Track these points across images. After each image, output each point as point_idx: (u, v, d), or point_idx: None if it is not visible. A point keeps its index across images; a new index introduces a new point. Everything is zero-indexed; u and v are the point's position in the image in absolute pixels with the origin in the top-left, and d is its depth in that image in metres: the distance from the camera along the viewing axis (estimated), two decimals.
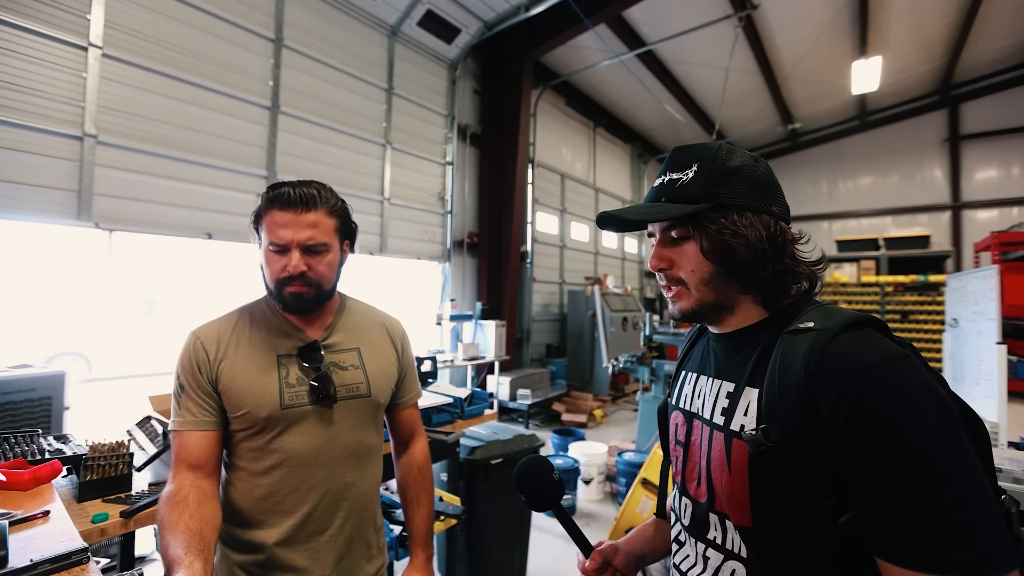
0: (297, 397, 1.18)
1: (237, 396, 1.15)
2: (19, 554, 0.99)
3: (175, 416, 1.15)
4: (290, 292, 1.17)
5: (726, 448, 0.75)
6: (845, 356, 0.64)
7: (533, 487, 0.99)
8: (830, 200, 13.18)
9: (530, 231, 8.54)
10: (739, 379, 0.78)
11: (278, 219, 1.15)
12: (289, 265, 1.15)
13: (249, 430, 1.17)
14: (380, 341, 1.36)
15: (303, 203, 1.16)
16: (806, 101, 11.06)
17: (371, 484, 1.32)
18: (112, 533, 1.48)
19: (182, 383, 1.16)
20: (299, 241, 1.15)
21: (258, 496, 1.18)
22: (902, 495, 0.58)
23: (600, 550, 0.98)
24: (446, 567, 2.79)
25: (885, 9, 7.92)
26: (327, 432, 1.21)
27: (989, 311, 3.58)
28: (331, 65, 5.47)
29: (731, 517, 0.75)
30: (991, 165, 11.24)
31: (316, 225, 1.17)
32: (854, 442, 0.61)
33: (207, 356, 1.17)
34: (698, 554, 0.82)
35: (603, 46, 7.61)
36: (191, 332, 1.21)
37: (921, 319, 8.42)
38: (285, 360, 1.21)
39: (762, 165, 0.80)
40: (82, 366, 6.71)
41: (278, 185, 1.18)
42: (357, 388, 1.26)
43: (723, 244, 0.76)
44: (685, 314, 0.83)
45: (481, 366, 6.89)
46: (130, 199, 3.96)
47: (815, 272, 0.80)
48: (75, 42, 3.65)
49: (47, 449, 1.71)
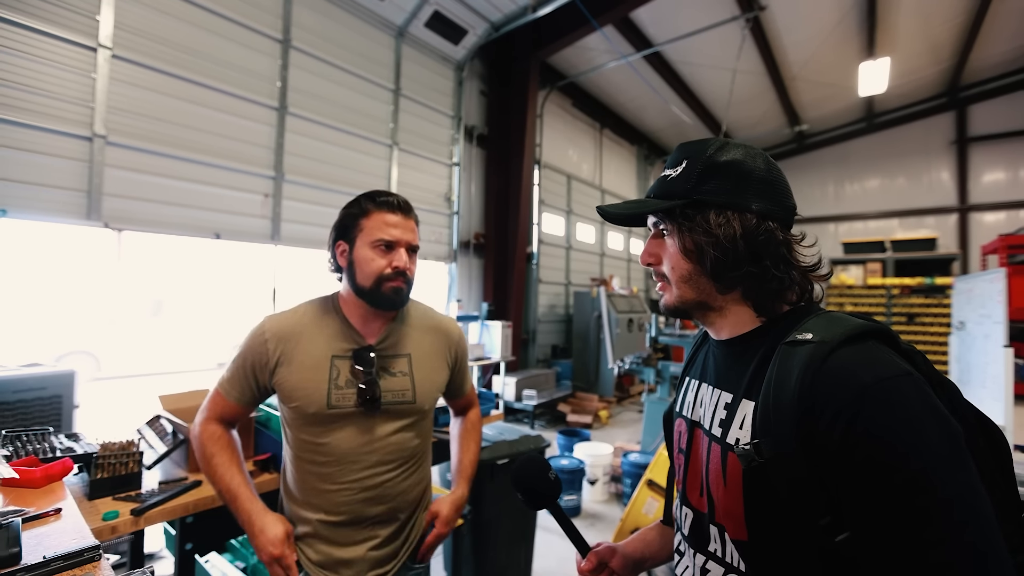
0: (344, 399, 1.26)
1: (290, 389, 1.25)
2: (32, 551, 1.00)
3: (223, 376, 1.32)
4: (392, 287, 1.27)
5: (722, 461, 0.74)
6: (842, 373, 0.61)
7: (528, 485, 0.99)
8: (837, 202, 13.12)
9: (536, 232, 8.53)
10: (736, 390, 0.76)
11: (389, 220, 1.27)
12: (398, 261, 1.26)
13: (299, 421, 1.27)
14: (432, 348, 1.43)
15: (407, 209, 1.31)
16: (813, 103, 11.00)
17: (417, 481, 1.39)
18: (123, 531, 1.50)
19: (238, 362, 1.29)
20: (407, 241, 1.29)
21: (307, 484, 1.29)
22: (898, 521, 0.55)
23: (597, 551, 0.98)
24: (452, 567, 2.79)
25: (893, 10, 7.88)
26: (370, 435, 1.28)
27: (996, 314, 3.55)
28: (338, 66, 5.50)
29: (728, 530, 0.73)
30: (999, 167, 11.16)
31: (415, 231, 1.32)
32: (849, 464, 0.58)
33: (267, 348, 1.27)
34: (697, 566, 0.81)
35: (610, 47, 7.60)
36: (262, 320, 1.31)
37: (927, 322, 8.37)
38: (338, 361, 1.28)
39: (760, 161, 0.76)
40: (91, 365, 6.76)
41: (379, 192, 1.30)
42: (403, 395, 1.32)
43: (695, 242, 0.75)
44: (668, 309, 0.83)
45: (487, 367, 6.89)
46: (139, 199, 3.99)
47: (810, 277, 0.76)
48: (84, 43, 3.68)
49: (58, 447, 1.72)
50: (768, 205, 0.74)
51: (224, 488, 1.24)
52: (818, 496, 0.61)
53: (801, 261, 0.76)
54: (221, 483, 1.24)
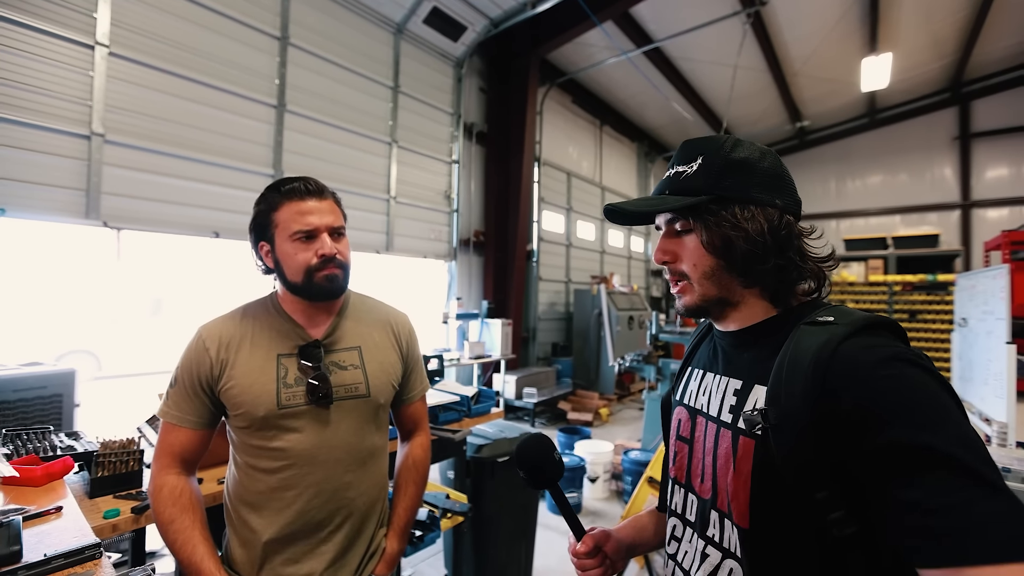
0: (294, 397, 1.19)
1: (236, 395, 1.17)
2: (33, 549, 1.00)
3: (165, 406, 1.20)
4: (324, 276, 1.19)
5: (733, 445, 0.75)
6: (863, 353, 0.63)
7: (534, 463, 0.99)
8: (838, 199, 13.09)
9: (536, 229, 8.52)
10: (747, 376, 0.78)
11: (302, 208, 1.18)
12: (323, 248, 1.18)
13: (248, 428, 1.19)
14: (383, 340, 1.36)
15: (319, 192, 1.22)
16: (814, 99, 10.97)
17: (374, 483, 1.32)
18: (123, 529, 1.50)
19: (176, 377, 1.20)
20: (326, 225, 1.20)
21: (260, 491, 1.20)
22: (932, 490, 0.55)
23: (592, 534, 0.98)
24: (453, 564, 2.80)
25: (895, 5, 7.84)
26: (325, 432, 1.21)
27: (999, 311, 3.54)
28: (337, 63, 5.48)
29: (731, 516, 0.74)
30: (1002, 163, 11.12)
31: (334, 211, 1.23)
32: (862, 440, 0.59)
33: (208, 357, 1.18)
34: (697, 550, 0.82)
35: (610, 43, 7.58)
36: (197, 330, 1.23)
37: (929, 318, 8.34)
38: (285, 359, 1.22)
39: (770, 158, 0.79)
40: (91, 364, 6.77)
41: (284, 181, 1.22)
42: (356, 388, 1.26)
43: (723, 237, 0.75)
44: (690, 309, 0.83)
45: (487, 364, 6.90)
46: (138, 198, 3.98)
47: (823, 268, 0.79)
48: (82, 41, 3.67)
49: (59, 446, 1.73)
50: (785, 199, 0.77)
51: (185, 560, 1.11)
52: (821, 470, 0.63)
53: (814, 253, 0.79)
54: (181, 554, 1.11)
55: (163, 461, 1.18)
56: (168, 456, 1.18)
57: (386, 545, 1.36)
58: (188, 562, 1.11)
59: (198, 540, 1.13)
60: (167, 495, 1.15)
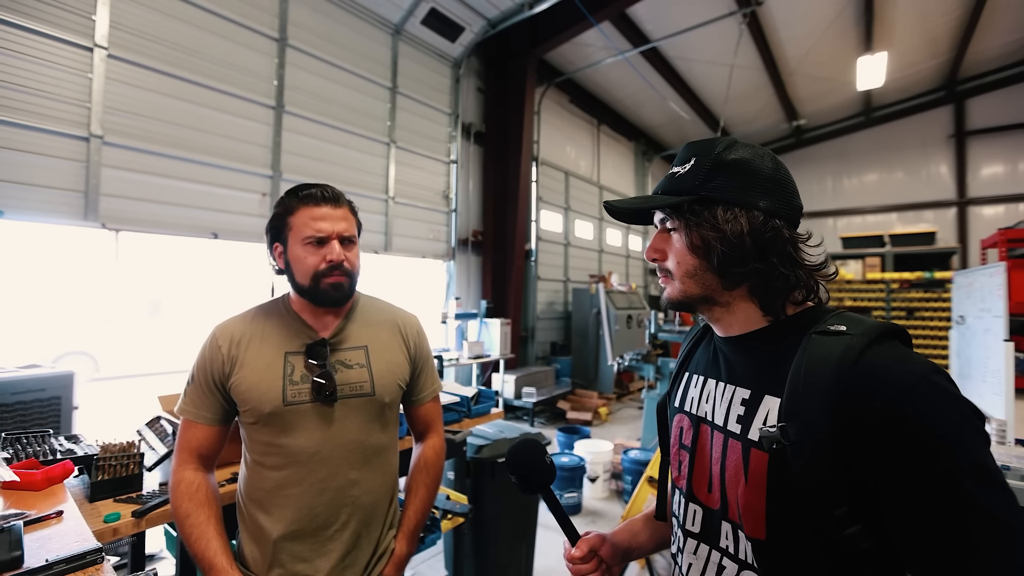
0: (300, 394, 1.22)
1: (244, 390, 1.20)
2: (34, 554, 0.99)
3: (183, 403, 1.25)
4: (330, 283, 1.23)
5: (744, 458, 0.73)
6: (888, 365, 0.63)
7: (523, 469, 0.99)
8: (835, 197, 13.13)
9: (534, 229, 8.52)
10: (755, 386, 0.76)
11: (316, 213, 1.22)
12: (331, 255, 1.22)
13: (255, 424, 1.22)
14: (390, 340, 1.37)
15: (335, 199, 1.26)
16: (811, 97, 11.00)
17: (381, 482, 1.33)
18: (124, 533, 1.49)
19: (193, 375, 1.24)
20: (338, 232, 1.24)
21: (267, 488, 1.22)
22: (949, 509, 0.57)
23: (587, 539, 0.98)
24: (453, 565, 2.80)
25: (890, 4, 7.87)
26: (330, 429, 1.24)
27: (996, 308, 3.55)
28: (335, 64, 5.48)
29: (744, 527, 0.73)
30: (997, 161, 11.16)
31: (347, 219, 1.27)
32: (894, 448, 0.60)
33: (221, 354, 1.22)
34: (711, 562, 0.81)
35: (607, 43, 7.59)
36: (212, 329, 1.27)
37: (927, 316, 8.36)
38: (292, 357, 1.25)
39: (767, 160, 0.77)
40: (89, 366, 6.75)
41: (303, 187, 1.25)
42: (360, 387, 1.28)
43: (702, 237, 0.75)
44: (671, 303, 0.83)
45: (486, 364, 6.90)
46: (136, 199, 3.97)
47: (814, 276, 0.76)
48: (80, 43, 3.66)
49: (58, 449, 1.72)
50: (775, 203, 0.75)
51: (199, 555, 1.14)
52: (840, 485, 0.63)
53: (807, 260, 0.77)
54: (196, 548, 1.15)
55: (181, 456, 1.23)
56: (186, 452, 1.23)
57: (395, 547, 1.37)
58: (201, 556, 1.14)
59: (212, 535, 1.16)
60: (184, 490, 1.19)
